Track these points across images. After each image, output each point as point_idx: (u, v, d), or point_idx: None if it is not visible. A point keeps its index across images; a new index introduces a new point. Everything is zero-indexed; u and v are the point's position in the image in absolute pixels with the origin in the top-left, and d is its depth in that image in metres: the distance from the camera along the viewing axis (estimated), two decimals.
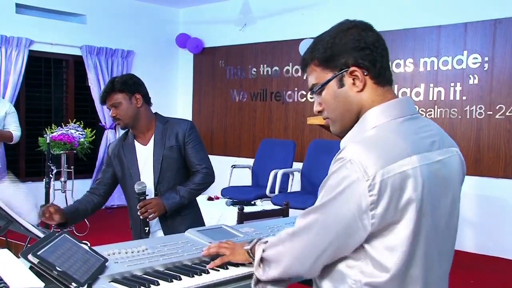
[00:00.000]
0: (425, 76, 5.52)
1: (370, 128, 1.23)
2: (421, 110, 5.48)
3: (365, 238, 1.17)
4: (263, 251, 1.36)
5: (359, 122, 1.26)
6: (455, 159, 1.31)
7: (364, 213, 1.15)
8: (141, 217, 2.37)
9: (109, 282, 1.41)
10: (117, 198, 6.64)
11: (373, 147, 1.17)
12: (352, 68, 1.24)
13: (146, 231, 2.38)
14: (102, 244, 1.72)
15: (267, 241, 1.40)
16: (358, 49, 1.24)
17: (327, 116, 1.31)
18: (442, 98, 5.41)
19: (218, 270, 1.57)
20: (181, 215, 2.49)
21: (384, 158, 1.15)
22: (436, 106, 5.45)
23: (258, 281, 1.40)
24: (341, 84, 1.26)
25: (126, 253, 1.64)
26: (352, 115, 1.27)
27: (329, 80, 1.27)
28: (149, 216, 2.37)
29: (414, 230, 1.17)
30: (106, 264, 1.49)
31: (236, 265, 1.59)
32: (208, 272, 1.55)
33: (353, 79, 1.25)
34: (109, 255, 1.59)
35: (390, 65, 1.32)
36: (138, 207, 2.37)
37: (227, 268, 1.60)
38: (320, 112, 1.32)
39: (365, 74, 1.25)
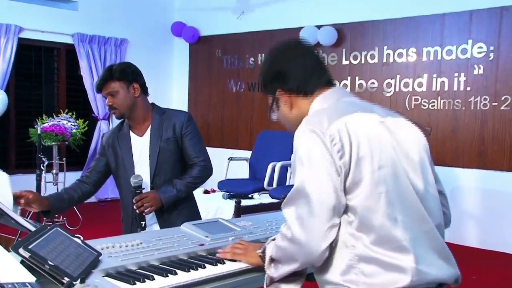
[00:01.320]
0: (428, 66, 5.51)
1: (314, 111, 1.42)
2: (424, 101, 5.49)
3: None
4: (272, 250, 1.41)
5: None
6: (410, 127, 1.43)
7: (333, 162, 1.26)
8: (137, 211, 2.37)
9: (103, 276, 1.42)
10: (111, 191, 6.65)
11: (321, 112, 1.37)
12: (278, 93, 1.47)
13: (142, 225, 2.38)
14: (95, 238, 1.72)
15: (274, 238, 1.44)
16: (282, 75, 1.46)
17: (289, 127, 1.51)
18: (446, 89, 5.41)
19: (216, 265, 1.58)
20: (178, 209, 2.49)
21: (334, 115, 1.33)
22: (439, 97, 5.45)
23: (271, 281, 1.43)
24: (278, 107, 1.50)
25: (120, 247, 1.64)
26: (298, 123, 1.42)
27: (271, 104, 1.51)
28: (146, 210, 2.37)
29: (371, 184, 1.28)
30: (100, 258, 1.50)
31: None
32: (205, 267, 1.55)
33: (284, 101, 1.47)
34: (102, 249, 1.59)
35: (324, 66, 1.50)
36: (134, 201, 2.37)
37: (224, 263, 1.60)
38: (272, 117, 1.55)
39: (289, 95, 1.46)
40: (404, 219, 1.29)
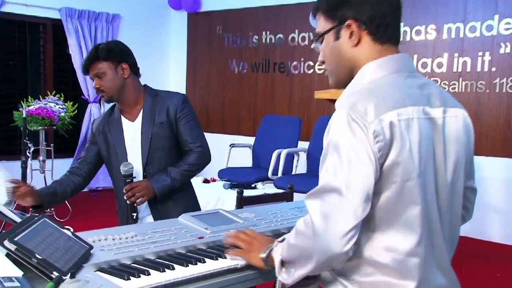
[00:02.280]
0: (449, 44, 5.48)
1: (366, 82, 1.34)
2: (444, 83, 5.46)
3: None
4: (282, 252, 1.39)
5: (354, 79, 1.37)
6: (459, 119, 1.40)
7: (375, 161, 1.22)
8: (127, 202, 2.38)
9: (95, 271, 1.43)
10: (103, 180, 6.68)
11: (369, 96, 1.28)
12: (348, 22, 1.35)
13: (134, 217, 2.40)
14: (86, 230, 1.74)
15: (284, 239, 1.42)
16: (358, 3, 1.34)
17: (326, 67, 1.43)
18: (468, 70, 5.38)
19: (217, 259, 1.59)
20: (173, 199, 2.51)
21: (382, 106, 1.25)
22: (461, 79, 5.43)
23: (284, 286, 1.42)
24: (337, 37, 1.38)
25: (113, 239, 1.65)
26: (345, 70, 1.39)
27: (327, 31, 1.38)
28: (137, 201, 2.39)
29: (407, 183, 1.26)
30: (91, 251, 1.51)
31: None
32: (204, 261, 1.57)
33: (350, 33, 1.35)
34: (94, 241, 1.61)
35: (401, 24, 1.41)
36: (124, 191, 2.39)
37: (225, 257, 1.62)
38: (322, 63, 1.44)
39: (362, 29, 1.34)
40: (422, 232, 1.29)
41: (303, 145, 5.79)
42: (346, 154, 1.23)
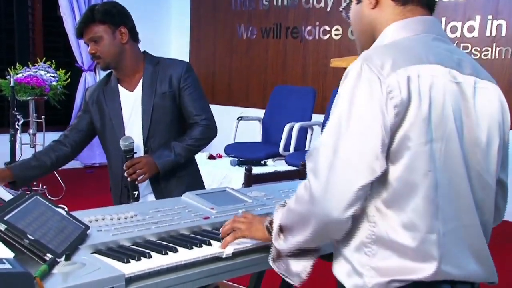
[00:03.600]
0: (482, 5, 5.39)
1: (387, 42, 1.35)
2: (475, 50, 5.40)
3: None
4: (281, 217, 1.40)
5: (375, 42, 1.38)
6: (492, 95, 1.37)
7: (387, 120, 1.21)
8: (128, 179, 2.40)
9: (91, 253, 1.45)
10: (99, 156, 6.72)
11: (388, 50, 1.29)
12: None
13: (135, 196, 2.41)
14: (82, 209, 1.75)
15: (285, 203, 1.43)
16: None
17: (353, 35, 1.51)
18: (503, 34, 5.30)
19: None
20: (177, 177, 2.52)
21: (401, 60, 1.25)
22: (494, 44, 5.36)
23: (279, 255, 1.44)
24: (358, 0, 1.42)
25: (111, 219, 1.67)
26: (367, 35, 1.40)
27: None
28: (138, 178, 2.40)
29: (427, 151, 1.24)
30: (88, 232, 1.53)
31: None
32: (210, 244, 1.58)
33: None
34: (90, 221, 1.62)
35: None
36: (124, 167, 2.40)
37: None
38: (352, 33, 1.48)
39: None
40: (445, 208, 1.27)
41: (318, 118, 5.78)
42: (355, 109, 1.23)
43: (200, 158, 4.33)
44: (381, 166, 1.23)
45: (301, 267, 1.43)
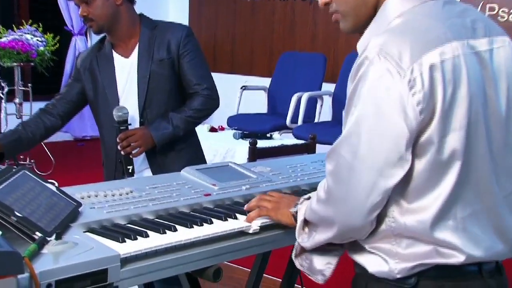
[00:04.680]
0: None
1: (394, 17, 1.30)
2: (502, 11, 5.34)
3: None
4: (306, 211, 1.42)
5: (377, 15, 1.34)
6: (508, 52, 1.36)
7: (411, 117, 1.20)
8: (122, 153, 2.40)
9: (84, 232, 1.46)
10: (91, 128, 6.74)
11: (403, 34, 1.24)
12: None
13: (130, 171, 2.42)
14: (73, 184, 1.76)
15: (309, 197, 1.45)
16: None
17: (336, 9, 1.39)
18: None
19: (226, 220, 1.61)
20: (175, 150, 2.52)
21: (420, 46, 1.22)
22: None
23: (302, 250, 1.45)
24: None
25: (105, 196, 1.68)
26: (368, 7, 1.34)
27: None
28: (133, 152, 2.40)
29: (464, 136, 1.24)
30: (79, 209, 1.53)
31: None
32: (211, 222, 1.58)
33: None
34: (82, 198, 1.63)
35: None
36: (118, 140, 2.40)
37: (236, 218, 1.64)
38: (326, 5, 1.40)
39: None
40: (467, 193, 1.28)
41: (328, 87, 5.76)
42: (375, 107, 1.21)
43: (201, 130, 4.33)
44: (406, 165, 1.23)
45: (325, 264, 1.44)
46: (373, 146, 1.22)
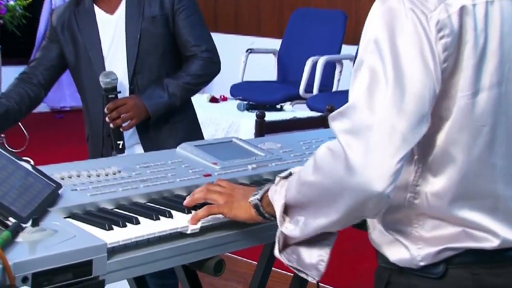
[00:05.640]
0: None
1: None
2: None
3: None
4: (287, 193, 1.35)
5: None
6: None
7: (435, 66, 1.19)
8: (111, 125, 2.41)
9: (65, 217, 1.46)
10: (70, 97, 6.75)
11: None
12: None
13: (120, 146, 2.43)
14: (51, 163, 1.76)
15: (290, 173, 1.40)
16: None
17: None
18: None
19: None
20: (170, 123, 2.53)
21: None
22: None
23: (285, 244, 1.40)
24: None
25: (89, 176, 1.68)
26: None
27: None
28: (124, 125, 2.41)
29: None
30: (59, 192, 1.54)
31: None
32: None
33: None
34: (63, 179, 1.63)
35: None
36: (106, 110, 2.40)
37: None
38: None
39: None
40: (505, 165, 1.28)
41: (349, 50, 5.74)
42: (395, 55, 1.21)
43: (199, 100, 4.32)
44: (427, 124, 1.22)
45: (317, 257, 1.39)
46: (392, 100, 1.20)
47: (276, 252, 1.41)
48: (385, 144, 1.21)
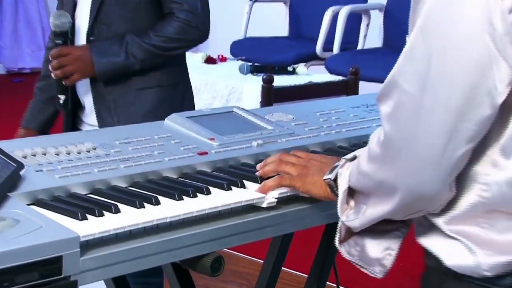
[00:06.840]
0: None
1: None
2: None
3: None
4: (350, 176, 1.41)
5: None
6: None
7: (501, 34, 1.19)
8: (52, 75, 2.46)
9: (28, 205, 1.48)
10: (31, 56, 6.74)
11: None
12: None
13: (61, 101, 2.45)
14: (8, 137, 1.77)
15: (354, 157, 1.45)
16: None
17: None
18: None
19: (229, 189, 1.63)
20: (136, 89, 2.55)
21: None
22: None
23: (349, 233, 1.45)
24: None
25: (57, 154, 1.69)
26: None
27: None
28: (65, 81, 2.45)
29: None
30: (21, 173, 1.55)
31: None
32: (209, 192, 1.60)
33: None
34: (25, 157, 1.64)
35: None
36: (50, 57, 2.45)
37: (244, 186, 1.66)
38: None
39: None
40: None
41: None
42: (452, 19, 1.22)
43: (193, 60, 4.30)
44: (498, 99, 1.22)
45: (384, 250, 1.45)
46: (450, 75, 1.22)
47: (337, 242, 1.48)
48: (439, 128, 1.23)
